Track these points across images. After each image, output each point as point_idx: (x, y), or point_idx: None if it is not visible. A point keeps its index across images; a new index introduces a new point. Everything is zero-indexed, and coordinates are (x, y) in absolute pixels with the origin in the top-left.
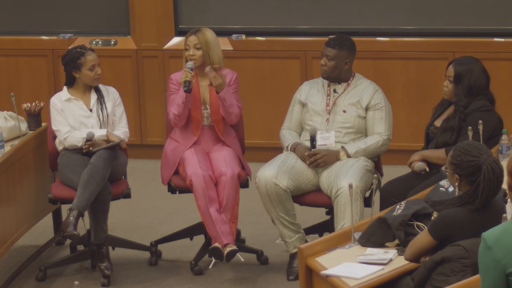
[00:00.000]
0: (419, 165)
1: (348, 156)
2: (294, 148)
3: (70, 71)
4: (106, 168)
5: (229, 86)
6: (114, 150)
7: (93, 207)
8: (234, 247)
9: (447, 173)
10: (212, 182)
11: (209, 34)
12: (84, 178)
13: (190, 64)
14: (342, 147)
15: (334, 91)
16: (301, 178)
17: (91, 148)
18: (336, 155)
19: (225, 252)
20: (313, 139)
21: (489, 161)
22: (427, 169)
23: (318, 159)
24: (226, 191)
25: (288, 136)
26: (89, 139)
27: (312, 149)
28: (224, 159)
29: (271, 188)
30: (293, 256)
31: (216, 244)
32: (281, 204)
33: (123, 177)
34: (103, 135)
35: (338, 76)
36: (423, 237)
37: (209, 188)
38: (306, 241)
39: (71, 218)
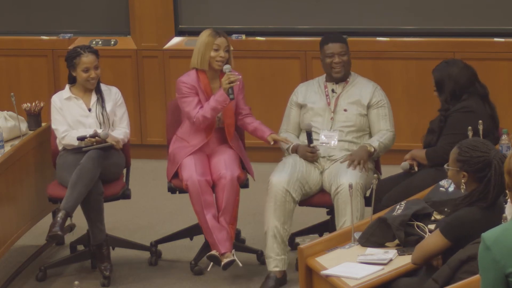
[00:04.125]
0: (403, 165)
1: (374, 149)
2: (296, 150)
3: (69, 70)
4: (95, 169)
5: (239, 90)
6: (107, 150)
7: (85, 208)
8: (231, 258)
9: (450, 171)
10: (209, 186)
11: None
12: (73, 179)
13: (228, 67)
14: (364, 144)
15: (332, 91)
16: (310, 183)
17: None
18: (364, 149)
19: (222, 262)
20: (309, 135)
21: (499, 156)
22: (416, 169)
23: (355, 163)
24: (225, 194)
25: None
26: (92, 137)
27: (310, 145)
28: (224, 162)
29: (281, 193)
30: (268, 277)
31: (214, 252)
32: (281, 211)
33: (123, 177)
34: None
35: (347, 72)
36: (434, 239)
37: (205, 193)
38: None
39: (58, 218)
